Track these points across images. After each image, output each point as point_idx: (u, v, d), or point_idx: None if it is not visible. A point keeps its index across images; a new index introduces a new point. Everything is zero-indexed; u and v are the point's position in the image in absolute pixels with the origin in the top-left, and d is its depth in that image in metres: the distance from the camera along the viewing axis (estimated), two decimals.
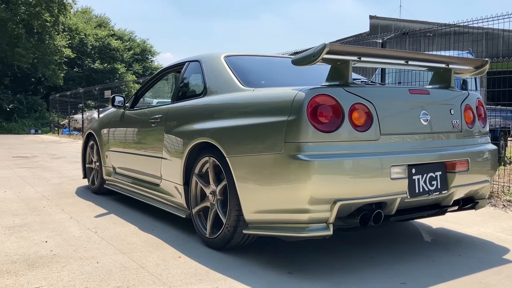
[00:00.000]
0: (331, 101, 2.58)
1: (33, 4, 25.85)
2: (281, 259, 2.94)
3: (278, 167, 2.61)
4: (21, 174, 7.21)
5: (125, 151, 4.68)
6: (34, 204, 4.80)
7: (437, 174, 2.88)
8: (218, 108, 3.31)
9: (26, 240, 3.41)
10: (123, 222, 3.97)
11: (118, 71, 36.11)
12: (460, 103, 3.16)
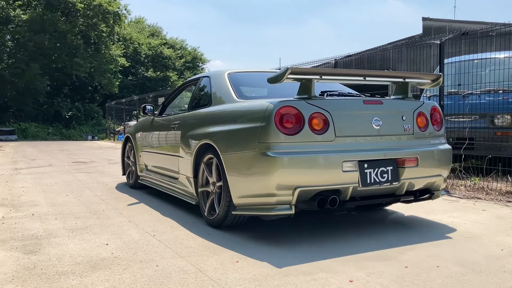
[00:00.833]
0: (294, 111, 3.31)
1: (90, 16, 27.01)
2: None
3: (254, 162, 3.37)
4: (80, 179, 7.49)
5: (154, 151, 5.60)
6: (94, 208, 4.95)
7: (388, 169, 3.54)
8: (217, 115, 4.13)
9: (88, 242, 3.51)
10: (180, 227, 4.01)
11: (170, 79, 37.01)
12: (412, 111, 3.82)
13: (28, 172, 8.45)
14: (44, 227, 4.03)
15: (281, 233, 3.76)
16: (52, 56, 26.98)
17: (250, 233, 3.72)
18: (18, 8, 25.28)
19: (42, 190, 6.25)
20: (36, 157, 12.03)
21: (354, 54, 12.14)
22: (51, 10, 25.56)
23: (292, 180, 3.25)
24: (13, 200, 5.44)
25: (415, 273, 2.77)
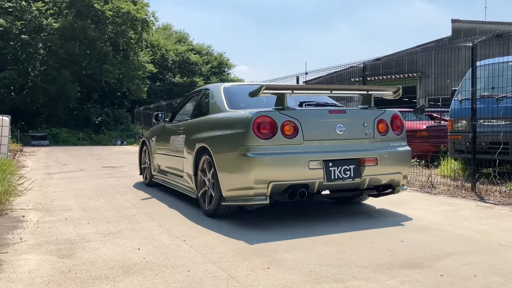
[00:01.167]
0: (268, 119, 4.04)
1: (119, 23, 27.49)
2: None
3: (237, 161, 4.08)
4: (111, 183, 7.60)
5: (164, 153, 6.35)
6: (125, 212, 5.01)
7: (350, 167, 4.19)
8: (211, 123, 4.86)
9: (120, 247, 3.55)
10: (210, 232, 4.02)
11: (196, 84, 37.30)
12: (373, 119, 4.46)
13: (60, 177, 8.64)
14: (77, 232, 4.10)
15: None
16: (82, 63, 27.58)
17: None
18: (50, 17, 25.96)
19: (74, 194, 6.37)
20: (68, 162, 12.29)
21: (383, 57, 11.97)
22: (81, 18, 26.14)
23: (266, 176, 3.97)
24: (46, 204, 5.56)
25: (450, 281, 2.70)
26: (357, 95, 5.05)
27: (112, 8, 26.72)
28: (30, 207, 5.35)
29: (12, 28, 24.71)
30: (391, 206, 5.18)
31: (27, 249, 3.55)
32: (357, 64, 8.20)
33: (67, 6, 26.86)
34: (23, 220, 4.64)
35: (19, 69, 25.20)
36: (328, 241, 3.64)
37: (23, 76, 25.57)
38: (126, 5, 27.15)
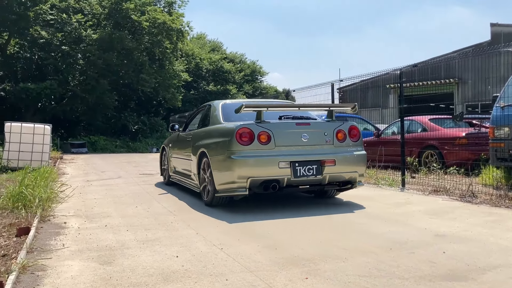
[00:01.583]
0: (248, 130, 5.30)
1: (155, 33, 28.04)
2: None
3: (224, 162, 5.31)
4: (148, 190, 7.74)
5: (178, 157, 7.60)
6: (162, 219, 5.09)
7: (313, 166, 5.37)
8: (210, 132, 6.16)
9: (159, 254, 3.60)
10: (247, 240, 4.03)
11: (230, 92, 37.59)
12: (333, 129, 5.69)
13: (99, 184, 8.85)
14: (116, 238, 4.18)
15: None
16: (120, 73, 28.24)
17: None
18: (89, 28, 26.73)
19: (113, 201, 6.51)
20: (106, 169, 12.59)
21: (420, 63, 11.77)
22: (119, 29, 26.81)
23: (246, 173, 5.19)
24: (86, 211, 5.71)
25: None
26: (323, 111, 6.58)
27: (148, 19, 27.29)
28: (71, 213, 5.50)
29: (53, 40, 25.59)
30: (431, 215, 5.06)
31: (70, 255, 3.65)
32: (393, 71, 8.08)
33: (106, 17, 27.64)
34: (65, 226, 4.78)
35: (60, 79, 26.04)
36: (365, 251, 3.58)
37: (63, 86, 26.40)
38: (162, 15, 27.68)
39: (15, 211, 5.21)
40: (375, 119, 17.92)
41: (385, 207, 5.73)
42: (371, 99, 22.99)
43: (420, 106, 9.94)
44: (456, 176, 7.65)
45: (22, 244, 3.82)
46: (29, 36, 25.74)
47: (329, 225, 4.63)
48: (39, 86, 24.62)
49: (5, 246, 3.85)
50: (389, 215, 5.13)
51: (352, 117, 14.30)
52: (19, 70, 27.89)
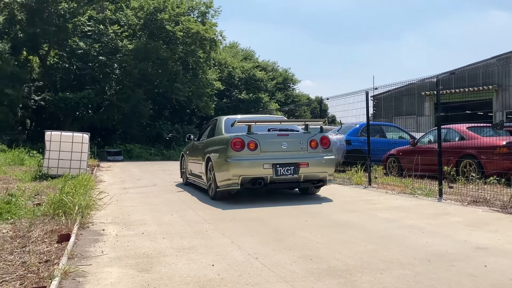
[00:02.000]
0: (240, 140, 6.87)
1: (189, 43, 28.50)
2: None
3: (222, 164, 6.85)
4: (182, 198, 7.83)
5: (193, 161, 9.19)
6: (197, 228, 5.14)
7: (291, 168, 6.89)
8: (214, 141, 7.80)
9: (195, 263, 3.64)
10: (281, 249, 4.02)
11: (262, 100, 37.73)
12: (307, 139, 7.24)
13: (135, 191, 9.02)
14: (153, 246, 4.25)
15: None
16: (155, 82, 28.82)
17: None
18: (125, 39, 27.43)
19: (149, 209, 6.62)
20: (141, 177, 12.82)
21: (457, 69, 11.51)
22: (154, 39, 27.39)
23: (238, 172, 6.78)
24: (124, 218, 5.82)
25: None
26: (302, 126, 8.01)
27: (182, 29, 27.78)
28: (109, 221, 5.63)
29: (90, 51, 26.38)
30: (471, 227, 4.91)
31: (109, 262, 3.73)
32: (430, 79, 7.93)
33: (141, 28, 28.30)
34: (103, 233, 4.89)
35: (97, 88, 26.79)
36: (403, 263, 3.51)
37: (100, 95, 27.14)
38: (195, 25, 28.13)
39: (56, 218, 5.37)
40: (410, 127, 17.64)
41: (423, 217, 5.60)
42: (405, 106, 22.61)
43: (457, 114, 9.72)
44: (496, 187, 7.41)
45: (63, 250, 3.94)
46: (68, 47, 26.66)
47: (367, 236, 4.57)
48: (77, 96, 25.41)
49: (47, 252, 3.97)
50: (426, 226, 5.02)
51: (387, 125, 14.11)
52: (58, 80, 28.85)
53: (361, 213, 5.98)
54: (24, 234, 4.68)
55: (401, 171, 10.33)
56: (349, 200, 7.29)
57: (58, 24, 26.01)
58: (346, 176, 10.36)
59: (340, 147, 11.83)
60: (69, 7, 26.33)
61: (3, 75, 22.45)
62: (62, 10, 26.06)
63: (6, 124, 22.80)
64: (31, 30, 25.74)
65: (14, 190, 7.22)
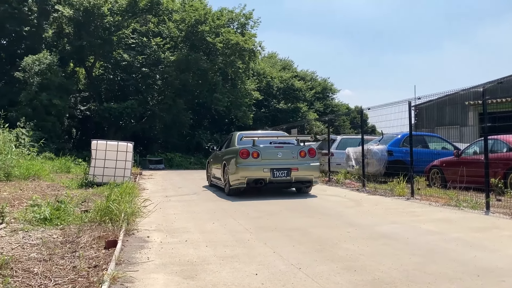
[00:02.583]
0: (246, 150, 9.33)
1: (228, 54, 28.89)
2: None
3: (234, 168, 9.29)
4: (223, 207, 7.92)
5: (215, 167, 11.22)
6: (239, 236, 5.18)
7: (285, 171, 9.19)
8: (229, 151, 10.11)
9: (238, 271, 3.68)
10: (324, 260, 4.00)
11: (300, 110, 37.63)
12: (298, 150, 9.56)
13: (177, 199, 9.19)
14: (197, 254, 4.32)
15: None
16: (195, 92, 29.32)
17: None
18: (167, 51, 28.13)
19: (191, 217, 6.73)
20: (182, 185, 13.04)
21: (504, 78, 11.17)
22: (194, 51, 27.93)
23: (244, 175, 9.07)
24: (167, 226, 5.95)
25: None
26: (298, 139, 10.21)
27: (222, 40, 28.21)
28: (153, 228, 5.76)
29: (134, 62, 27.16)
30: None
31: (155, 268, 3.83)
32: (476, 88, 7.73)
33: (182, 40, 28.93)
34: (148, 240, 5.01)
35: (140, 99, 27.52)
36: (451, 277, 3.43)
37: (143, 105, 27.85)
38: (235, 37, 28.50)
39: (103, 224, 5.55)
40: (453, 137, 17.14)
41: (469, 230, 5.45)
42: (448, 116, 22.02)
43: (505, 125, 9.39)
44: None
45: (111, 256, 4.07)
46: (112, 59, 27.55)
47: (411, 249, 4.49)
48: (121, 106, 26.18)
49: (96, 258, 4.11)
50: (474, 240, 4.88)
51: (430, 136, 13.80)
52: (103, 91, 29.83)
53: (404, 225, 5.87)
54: (73, 239, 4.87)
55: (444, 183, 10.06)
56: (391, 212, 7.16)
57: (103, 37, 26.97)
58: (387, 187, 10.19)
59: (381, 158, 11.66)
60: (114, 21, 27.27)
61: (52, 86, 23.41)
62: (108, 23, 27.02)
63: (54, 133, 23.69)
64: (78, 43, 26.81)
65: (63, 197, 7.51)
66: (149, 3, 28.22)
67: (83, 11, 26.45)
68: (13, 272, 3.59)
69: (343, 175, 12.86)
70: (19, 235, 5.05)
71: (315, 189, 10.65)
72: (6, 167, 11.42)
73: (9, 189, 9.34)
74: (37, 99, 22.62)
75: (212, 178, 11.83)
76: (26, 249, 4.42)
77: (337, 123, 38.27)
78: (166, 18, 29.44)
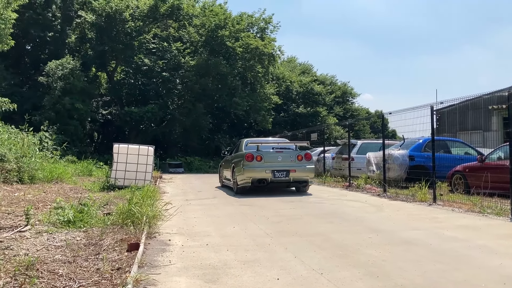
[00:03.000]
0: (251, 154, 10.93)
1: (248, 58, 29.04)
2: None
3: (240, 169, 10.86)
4: (243, 211, 7.92)
5: (225, 169, 12.93)
6: (260, 241, 5.18)
7: (284, 172, 10.77)
8: (237, 155, 11.78)
9: (260, 276, 3.68)
10: (346, 266, 3.97)
11: (320, 114, 37.50)
12: (295, 154, 11.21)
13: (197, 203, 9.24)
14: (218, 258, 4.34)
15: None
16: (214, 97, 29.54)
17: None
18: (187, 55, 28.42)
19: (212, 221, 6.76)
20: (202, 189, 13.11)
21: None
22: (214, 55, 28.15)
23: (249, 175, 10.63)
24: (188, 229, 5.98)
25: None
26: (297, 145, 11.85)
27: (242, 45, 28.35)
28: (174, 231, 5.80)
29: (155, 67, 27.50)
30: None
31: (177, 271, 3.85)
32: (501, 92, 7.60)
33: (202, 45, 29.18)
34: (170, 243, 5.05)
35: (160, 103, 27.82)
36: (475, 285, 3.36)
37: (163, 110, 28.14)
38: (254, 41, 28.62)
39: (125, 227, 5.61)
40: (476, 142, 16.86)
41: (494, 237, 5.35)
42: (470, 121, 21.67)
43: None
44: None
45: (133, 259, 4.11)
46: (133, 63, 27.93)
47: (435, 255, 4.42)
48: (142, 110, 26.50)
49: (119, 260, 4.16)
50: (499, 247, 4.78)
51: (452, 141, 13.59)
52: (124, 95, 30.25)
53: (426, 231, 5.79)
54: (96, 242, 4.93)
55: (467, 189, 9.89)
56: (413, 217, 7.07)
57: (125, 42, 27.37)
58: (409, 192, 10.06)
59: (402, 163, 11.53)
60: (135, 26, 27.67)
61: (74, 91, 23.87)
62: (129, 28, 27.43)
63: (76, 136, 24.12)
64: (100, 48, 27.27)
65: (86, 200, 7.62)
66: (170, 9, 28.59)
67: (105, 16, 26.93)
68: (39, 273, 3.65)
69: (364, 180, 12.76)
70: (44, 237, 5.14)
71: (335, 194, 10.59)
72: (30, 170, 11.65)
73: (33, 191, 9.52)
74: (60, 103, 23.09)
75: (223, 179, 13.60)
76: (51, 251, 4.50)
77: (357, 127, 38.02)
78: (187, 23, 29.75)
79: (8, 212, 6.68)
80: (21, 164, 11.52)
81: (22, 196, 8.71)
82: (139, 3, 28.75)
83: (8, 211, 6.78)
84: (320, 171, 16.87)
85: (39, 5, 25.22)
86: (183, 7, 29.27)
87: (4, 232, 5.30)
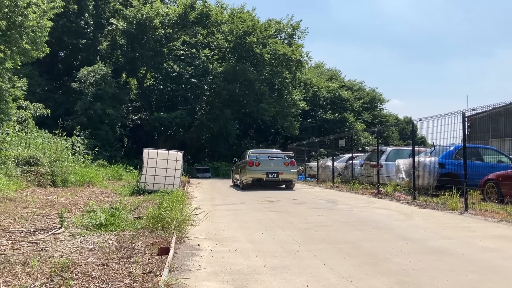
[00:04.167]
0: (252, 161, 16.15)
1: (275, 64, 29.08)
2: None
3: (245, 171, 16.08)
4: (271, 217, 7.93)
5: (235, 173, 18.41)
6: (288, 247, 5.18)
7: (275, 174, 15.98)
8: (242, 162, 17.15)
9: (289, 283, 3.68)
10: (376, 274, 3.94)
11: (348, 120, 37.21)
12: (283, 162, 16.51)
13: (224, 208, 9.30)
14: (247, 263, 4.36)
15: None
16: (242, 102, 29.70)
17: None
18: (215, 62, 28.71)
19: (240, 226, 6.80)
20: (229, 194, 13.19)
21: None
22: (242, 61, 28.32)
23: (251, 176, 15.75)
24: (217, 234, 6.04)
25: None
26: (287, 155, 17.42)
27: (269, 51, 28.42)
28: (203, 236, 5.86)
29: (183, 73, 27.87)
30: None
31: (206, 276, 3.89)
32: None
33: (230, 51, 29.40)
34: (199, 248, 5.10)
35: (188, 109, 28.15)
36: None
37: (192, 115, 28.47)
38: (282, 47, 28.66)
39: (155, 231, 5.70)
40: (510, 150, 16.41)
41: None
42: (504, 128, 21.13)
43: None
44: None
45: (164, 262, 4.17)
46: (163, 70, 28.38)
47: (467, 265, 4.34)
48: (171, 115, 26.86)
49: (150, 264, 4.23)
50: None
51: (484, 148, 13.29)
52: (154, 101, 30.74)
53: (458, 240, 5.67)
54: (127, 245, 5.03)
55: (501, 197, 9.65)
56: (444, 226, 6.94)
57: (155, 49, 27.85)
58: (439, 201, 9.88)
59: (432, 170, 11.33)
60: (165, 33, 28.13)
61: (105, 96, 24.39)
62: (159, 35, 27.90)
63: (107, 141, 24.63)
64: (131, 55, 27.81)
65: (117, 203, 7.78)
66: (199, 16, 28.93)
67: (136, 24, 27.47)
68: (73, 275, 3.75)
69: (393, 187, 12.59)
70: (77, 239, 5.27)
71: (363, 201, 10.48)
72: (63, 174, 11.97)
73: (66, 195, 9.78)
74: (92, 109, 23.63)
75: (234, 180, 18.49)
76: (84, 253, 4.61)
77: (385, 134, 37.52)
78: (215, 29, 30.05)
79: (42, 215, 6.88)
80: (54, 168, 11.85)
81: (56, 199, 8.96)
82: (169, 10, 29.22)
83: (42, 214, 6.98)
84: (348, 177, 16.74)
85: (72, 13, 25.93)
86: (212, 14, 29.58)
87: (39, 234, 5.47)
